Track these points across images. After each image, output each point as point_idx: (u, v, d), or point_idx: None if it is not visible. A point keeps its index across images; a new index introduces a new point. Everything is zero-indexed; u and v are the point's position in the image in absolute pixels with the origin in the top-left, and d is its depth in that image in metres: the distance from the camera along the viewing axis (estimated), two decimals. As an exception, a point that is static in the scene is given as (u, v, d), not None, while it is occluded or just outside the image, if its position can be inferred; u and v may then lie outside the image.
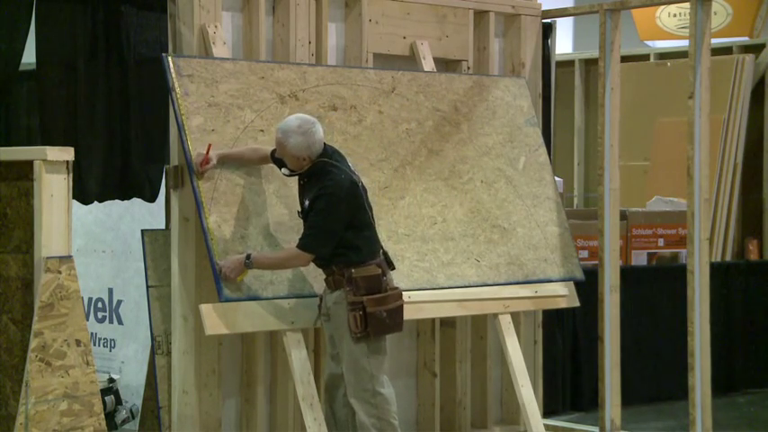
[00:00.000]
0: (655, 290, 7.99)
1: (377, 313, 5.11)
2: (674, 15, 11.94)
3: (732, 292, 8.36)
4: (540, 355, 6.89)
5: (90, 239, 7.08)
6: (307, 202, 5.19)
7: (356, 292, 5.12)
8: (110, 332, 7.11)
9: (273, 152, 5.35)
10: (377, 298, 5.12)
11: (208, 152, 5.26)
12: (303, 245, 5.14)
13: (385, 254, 5.32)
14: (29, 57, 5.60)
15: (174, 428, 5.55)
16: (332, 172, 5.17)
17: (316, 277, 5.46)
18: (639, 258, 8.28)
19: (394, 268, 5.38)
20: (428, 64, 6.37)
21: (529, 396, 6.12)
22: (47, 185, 4.79)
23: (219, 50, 5.56)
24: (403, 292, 5.27)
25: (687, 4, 7.68)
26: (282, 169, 5.31)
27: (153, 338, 5.63)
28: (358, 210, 5.21)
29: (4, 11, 5.45)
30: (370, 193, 5.77)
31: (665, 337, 7.77)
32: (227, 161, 5.38)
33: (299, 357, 5.32)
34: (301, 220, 5.25)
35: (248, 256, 5.16)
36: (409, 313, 5.71)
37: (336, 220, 5.13)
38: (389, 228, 5.80)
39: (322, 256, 5.16)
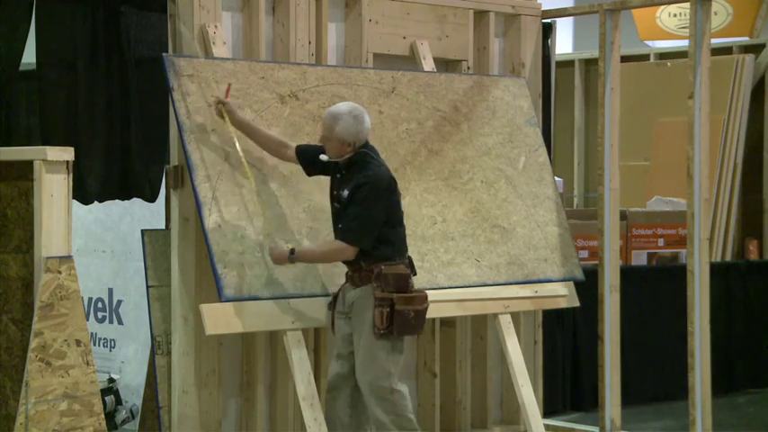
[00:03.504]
0: (655, 290, 7.99)
1: (405, 312, 5.09)
2: (674, 15, 11.93)
3: (732, 292, 8.36)
4: (540, 355, 6.89)
5: (90, 239, 7.08)
6: (345, 192, 5.12)
7: (384, 288, 5.09)
8: (110, 332, 7.11)
9: (300, 148, 5.31)
10: (406, 297, 5.10)
11: (228, 92, 5.26)
12: (346, 237, 5.09)
13: (410, 258, 5.29)
14: (29, 57, 5.59)
15: (173, 428, 5.55)
16: (372, 163, 5.17)
17: (316, 276, 5.46)
18: (639, 258, 8.28)
19: (415, 274, 5.33)
20: (428, 64, 6.37)
21: (529, 396, 6.12)
22: (47, 185, 4.79)
23: (219, 50, 5.56)
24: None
25: (687, 4, 7.68)
26: (321, 156, 5.25)
27: (153, 338, 5.63)
28: (394, 205, 5.20)
29: (4, 11, 5.45)
30: (370, 193, 5.77)
31: (665, 337, 7.77)
32: (239, 125, 5.35)
33: (299, 357, 5.32)
34: (306, 221, 5.25)
35: (292, 251, 5.12)
36: (409, 313, 5.73)
37: (378, 210, 5.09)
38: (389, 228, 5.79)
39: (365, 247, 5.10)
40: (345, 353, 5.29)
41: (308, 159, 5.34)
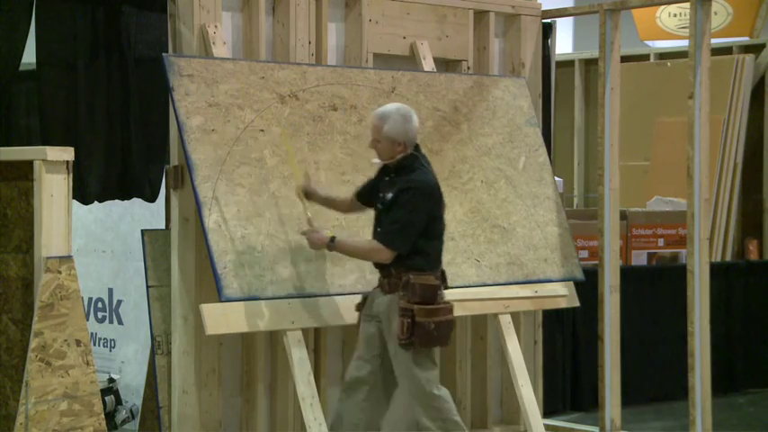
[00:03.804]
0: (655, 290, 7.99)
1: (425, 324, 5.02)
2: (674, 15, 11.93)
3: (732, 292, 8.36)
4: (540, 355, 6.89)
5: (90, 239, 7.08)
6: (390, 195, 5.09)
7: (410, 298, 5.03)
8: (110, 332, 7.11)
9: (356, 192, 5.35)
10: (428, 309, 5.03)
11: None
12: (384, 240, 5.05)
13: (443, 272, 5.24)
14: (29, 57, 5.59)
15: (173, 428, 5.55)
16: (421, 169, 5.14)
17: (316, 277, 5.46)
18: (639, 258, 8.28)
19: (447, 287, 5.29)
20: (428, 64, 6.37)
21: (529, 396, 6.12)
22: (47, 185, 4.80)
23: (219, 50, 5.56)
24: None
25: (687, 4, 7.68)
26: (374, 160, 5.24)
27: (153, 338, 5.63)
28: (436, 216, 5.15)
29: (4, 11, 5.45)
30: (370, 193, 5.77)
31: (665, 337, 7.77)
32: (323, 202, 5.41)
33: (299, 357, 5.32)
34: (304, 221, 5.24)
35: (332, 239, 5.10)
36: (409, 313, 5.73)
37: (420, 216, 5.04)
38: (389, 228, 5.79)
39: (402, 252, 5.05)
40: (367, 356, 5.25)
41: (364, 193, 5.32)
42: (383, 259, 5.09)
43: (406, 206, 5.03)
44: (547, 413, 6.90)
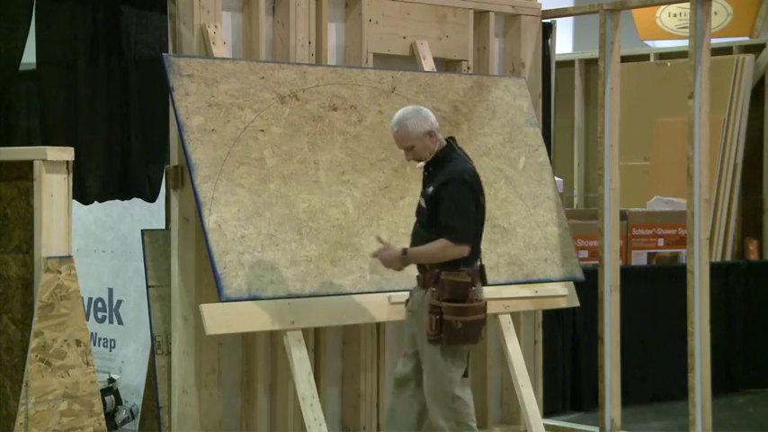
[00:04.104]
0: (655, 290, 7.99)
1: (452, 322, 5.02)
2: (674, 15, 11.94)
3: (732, 292, 8.36)
4: (540, 355, 6.89)
5: (90, 239, 7.08)
6: (430, 189, 5.11)
7: (440, 295, 5.04)
8: (110, 332, 7.11)
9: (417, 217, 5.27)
10: (456, 307, 5.03)
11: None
12: (450, 236, 5.01)
13: (482, 267, 5.23)
14: (29, 57, 5.60)
15: (173, 428, 5.55)
16: (457, 159, 5.17)
17: (316, 277, 5.46)
18: (639, 258, 8.28)
19: (486, 284, 5.28)
20: (428, 64, 6.37)
21: (529, 396, 6.12)
22: (47, 185, 4.80)
23: (219, 50, 5.56)
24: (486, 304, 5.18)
25: (687, 4, 7.68)
26: (417, 165, 5.27)
27: (153, 338, 5.63)
28: (478, 203, 5.16)
29: (4, 11, 5.45)
30: (370, 193, 5.78)
31: (665, 337, 7.77)
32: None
33: (299, 357, 5.32)
34: (306, 221, 5.24)
35: (404, 252, 5.10)
36: (409, 313, 5.72)
37: (468, 203, 5.06)
38: (389, 228, 5.80)
39: (468, 242, 5.03)
40: (409, 352, 5.29)
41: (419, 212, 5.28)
42: (458, 254, 5.05)
43: (452, 198, 5.04)
44: (547, 413, 6.90)
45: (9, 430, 4.87)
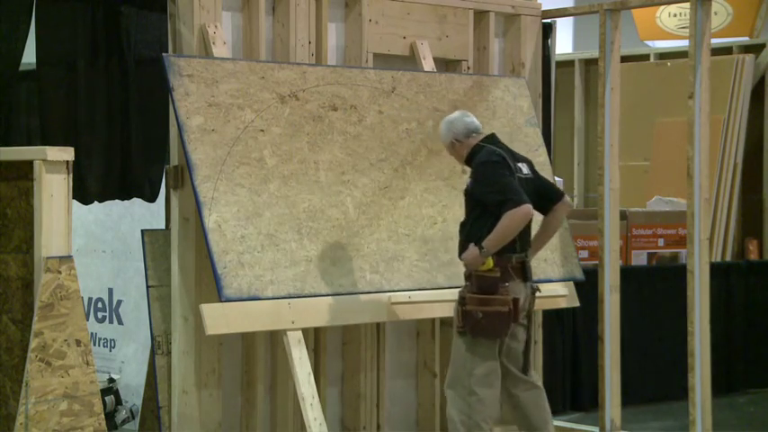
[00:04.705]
0: (655, 290, 7.99)
1: (473, 312, 5.15)
2: (674, 15, 11.93)
3: (732, 292, 8.36)
4: (540, 355, 6.88)
5: (90, 239, 7.08)
6: (468, 182, 5.33)
7: (470, 288, 5.20)
8: (110, 332, 7.11)
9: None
10: (478, 298, 5.16)
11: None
12: (506, 207, 5.10)
13: (522, 263, 5.30)
14: (29, 57, 5.60)
15: (173, 428, 5.55)
16: (483, 150, 5.34)
17: (316, 277, 5.46)
18: (639, 258, 8.28)
19: (527, 280, 5.33)
20: (428, 64, 6.37)
21: (529, 396, 6.12)
22: (47, 185, 4.80)
23: (219, 50, 5.56)
24: (516, 300, 5.22)
25: (687, 4, 7.68)
26: (462, 169, 5.54)
27: (153, 338, 5.63)
28: (510, 172, 5.27)
29: (4, 11, 5.45)
30: (370, 193, 5.78)
31: (665, 337, 7.77)
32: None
33: (299, 357, 5.32)
34: (306, 221, 5.23)
35: (480, 247, 5.17)
36: (409, 313, 5.72)
37: (498, 173, 5.20)
38: (389, 228, 5.80)
39: (527, 202, 5.11)
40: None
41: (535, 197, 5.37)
42: (525, 214, 5.13)
43: (483, 180, 5.24)
44: (547, 413, 6.89)
45: (9, 430, 4.87)
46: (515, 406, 5.46)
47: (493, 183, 5.21)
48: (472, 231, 5.29)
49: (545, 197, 5.51)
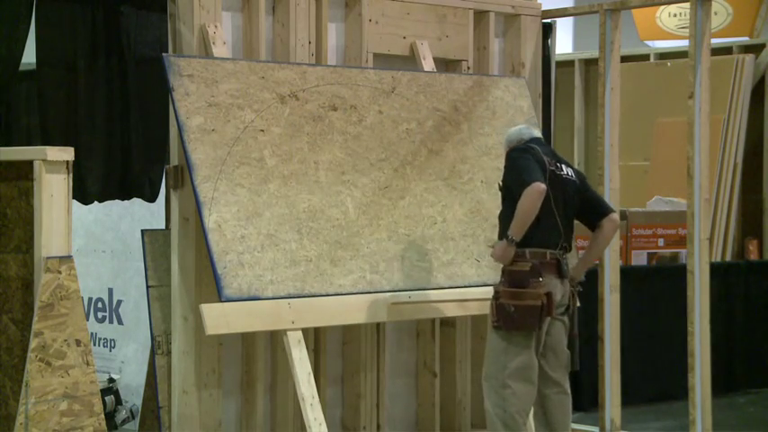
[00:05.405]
0: (655, 290, 7.98)
1: (505, 306, 5.20)
2: (674, 15, 11.93)
3: (732, 292, 8.36)
4: (540, 355, 6.88)
5: (90, 239, 7.08)
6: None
7: (504, 283, 5.27)
8: (110, 332, 7.11)
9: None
10: (510, 291, 5.22)
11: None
12: (520, 188, 5.15)
13: (558, 260, 5.31)
14: (29, 57, 5.60)
15: (174, 428, 5.55)
16: (515, 150, 5.42)
17: (316, 277, 5.46)
18: (639, 258, 8.28)
19: (563, 277, 5.35)
20: (428, 64, 6.37)
21: (529, 396, 6.12)
22: (47, 185, 4.80)
23: (219, 50, 5.56)
24: (545, 295, 5.22)
25: (687, 4, 7.68)
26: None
27: (153, 338, 5.63)
28: (533, 161, 5.30)
29: (4, 11, 5.45)
30: (370, 193, 5.78)
31: (665, 337, 7.77)
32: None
33: (299, 357, 5.32)
34: (306, 221, 5.23)
35: (507, 237, 5.20)
36: (409, 313, 5.72)
37: (518, 160, 5.28)
38: (389, 228, 5.80)
39: (540, 180, 5.14)
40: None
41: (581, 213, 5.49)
42: (537, 193, 5.13)
43: (507, 164, 5.34)
44: (547, 413, 6.89)
45: (9, 430, 4.87)
46: (542, 404, 5.49)
47: (512, 168, 5.30)
48: (504, 223, 5.33)
49: (592, 211, 5.52)
